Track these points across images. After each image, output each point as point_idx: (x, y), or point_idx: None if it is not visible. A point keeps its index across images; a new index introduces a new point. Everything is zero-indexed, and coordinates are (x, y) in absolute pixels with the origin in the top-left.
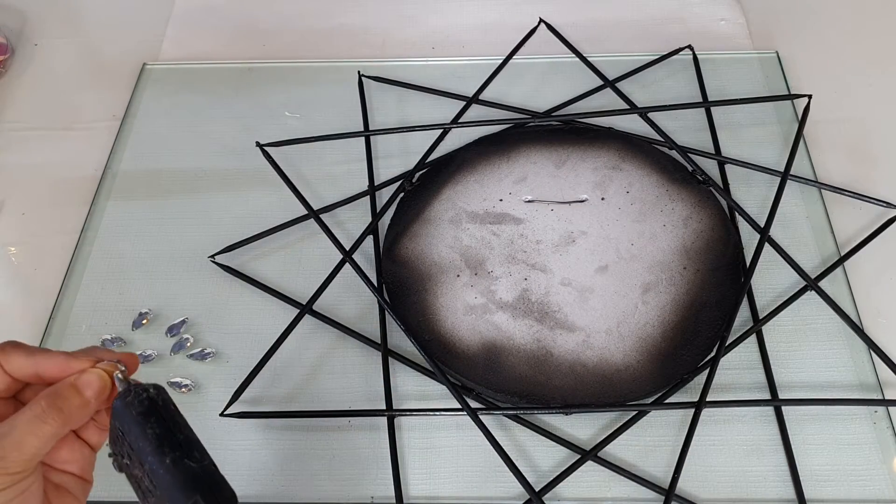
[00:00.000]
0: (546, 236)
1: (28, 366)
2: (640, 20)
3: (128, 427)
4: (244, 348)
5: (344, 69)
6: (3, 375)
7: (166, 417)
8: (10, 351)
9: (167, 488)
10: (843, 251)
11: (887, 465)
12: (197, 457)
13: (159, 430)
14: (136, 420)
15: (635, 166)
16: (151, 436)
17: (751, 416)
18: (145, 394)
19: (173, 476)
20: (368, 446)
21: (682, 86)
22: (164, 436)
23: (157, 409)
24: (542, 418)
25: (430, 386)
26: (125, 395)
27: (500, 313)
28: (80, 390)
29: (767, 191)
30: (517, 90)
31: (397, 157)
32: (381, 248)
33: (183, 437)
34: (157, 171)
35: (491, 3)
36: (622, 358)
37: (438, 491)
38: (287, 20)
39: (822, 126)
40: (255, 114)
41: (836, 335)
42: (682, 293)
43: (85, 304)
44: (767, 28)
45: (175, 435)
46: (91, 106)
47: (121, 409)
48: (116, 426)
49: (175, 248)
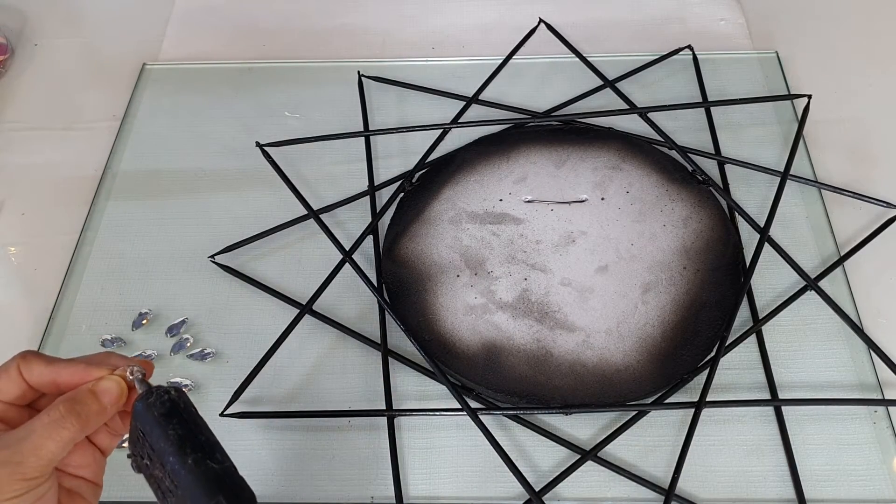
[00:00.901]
0: (546, 236)
1: (47, 374)
2: (640, 20)
3: (149, 428)
4: (244, 348)
5: (344, 69)
6: (22, 383)
7: (188, 419)
8: (30, 359)
9: (189, 488)
10: (843, 251)
11: (887, 465)
12: (219, 458)
13: (181, 431)
14: (157, 421)
15: (635, 166)
16: (173, 437)
17: (751, 416)
18: (167, 395)
19: (196, 476)
20: (368, 446)
21: (682, 86)
22: (185, 437)
23: (178, 410)
24: (541, 418)
25: (430, 386)
26: (146, 396)
27: (499, 313)
28: (98, 396)
29: (767, 191)
30: (517, 90)
31: (397, 157)
32: (380, 249)
33: (204, 439)
34: (157, 171)
35: (491, 3)
36: (622, 358)
37: (438, 491)
38: (287, 20)
39: (822, 126)
40: (255, 114)
41: (835, 335)
42: (682, 293)
43: (85, 304)
44: (767, 28)
45: (197, 436)
46: (91, 106)
47: (142, 411)
48: (137, 427)
49: (175, 248)
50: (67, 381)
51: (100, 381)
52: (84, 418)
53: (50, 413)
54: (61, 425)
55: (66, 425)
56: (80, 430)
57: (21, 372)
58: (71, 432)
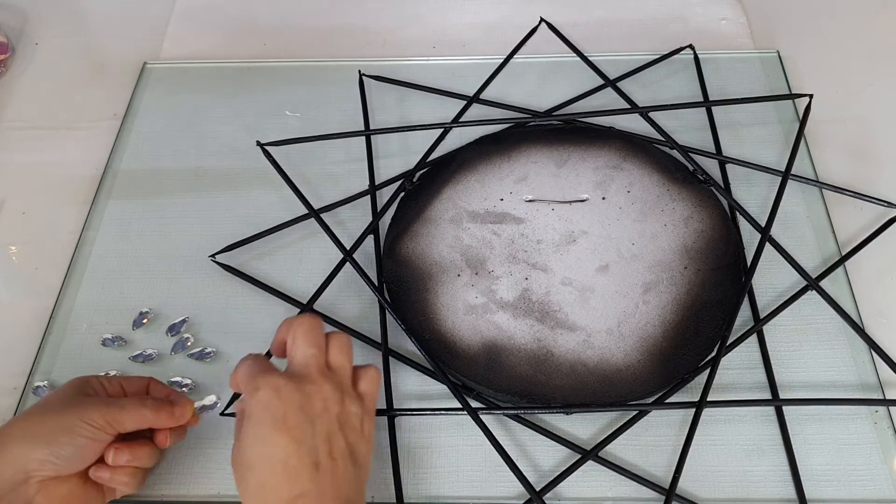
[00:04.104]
0: (547, 236)
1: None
2: (641, 20)
3: None
4: (244, 348)
5: (345, 68)
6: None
7: None
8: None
9: None
10: (844, 251)
11: (888, 465)
12: None
13: None
14: None
15: (636, 166)
16: None
17: (751, 416)
18: None
19: None
20: None
21: (683, 85)
22: None
23: None
24: (542, 418)
25: (430, 385)
26: None
27: (500, 313)
28: (180, 412)
29: (768, 190)
30: (518, 89)
31: (398, 156)
32: (381, 248)
33: None
34: (158, 171)
35: (492, 3)
36: (623, 357)
37: (438, 491)
38: (288, 19)
39: (823, 125)
40: (256, 113)
41: (836, 335)
42: (683, 293)
43: (85, 304)
44: (768, 27)
45: None
46: (91, 105)
47: None
48: None
49: (175, 247)
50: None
51: (181, 399)
52: (160, 416)
53: (144, 400)
54: (139, 405)
55: (145, 411)
56: (153, 419)
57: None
58: (146, 416)
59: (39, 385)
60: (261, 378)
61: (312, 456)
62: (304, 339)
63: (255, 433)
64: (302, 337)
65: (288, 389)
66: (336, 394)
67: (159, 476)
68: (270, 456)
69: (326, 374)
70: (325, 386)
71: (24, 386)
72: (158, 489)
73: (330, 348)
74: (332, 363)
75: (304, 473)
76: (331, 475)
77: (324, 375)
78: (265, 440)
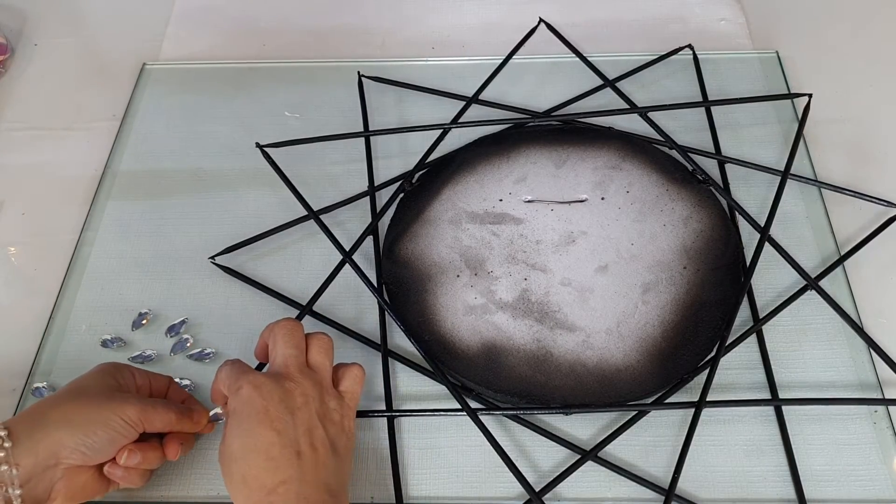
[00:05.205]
0: (546, 236)
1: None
2: (640, 20)
3: None
4: (244, 349)
5: (344, 69)
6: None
7: None
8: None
9: None
10: (844, 250)
11: (887, 465)
12: None
13: None
14: None
15: (635, 166)
16: None
17: (751, 416)
18: None
19: None
20: (368, 446)
21: (682, 85)
22: None
23: None
24: (542, 418)
25: (429, 386)
26: None
27: (499, 313)
28: (198, 418)
29: (767, 190)
30: (517, 90)
31: (397, 157)
32: (380, 249)
33: None
34: (157, 171)
35: (491, 3)
36: (622, 358)
37: (438, 491)
38: (287, 20)
39: (823, 125)
40: (255, 114)
41: (836, 335)
42: (683, 293)
43: (85, 304)
44: (767, 27)
45: None
46: (91, 106)
47: None
48: None
49: (175, 248)
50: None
51: (198, 405)
52: (181, 420)
53: (168, 405)
54: (168, 408)
55: (171, 415)
56: (176, 423)
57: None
58: (172, 419)
59: (39, 386)
60: (242, 378)
61: (294, 446)
62: (284, 341)
63: (239, 428)
64: (282, 338)
65: (268, 386)
66: (315, 390)
67: (159, 477)
68: (254, 447)
69: (306, 372)
70: (305, 382)
71: (23, 387)
72: (158, 490)
73: (310, 348)
74: (312, 362)
75: (286, 462)
76: (312, 463)
77: (303, 373)
78: (249, 433)
